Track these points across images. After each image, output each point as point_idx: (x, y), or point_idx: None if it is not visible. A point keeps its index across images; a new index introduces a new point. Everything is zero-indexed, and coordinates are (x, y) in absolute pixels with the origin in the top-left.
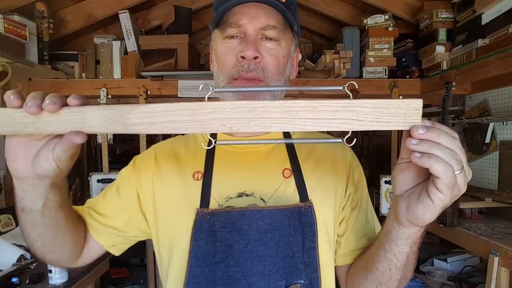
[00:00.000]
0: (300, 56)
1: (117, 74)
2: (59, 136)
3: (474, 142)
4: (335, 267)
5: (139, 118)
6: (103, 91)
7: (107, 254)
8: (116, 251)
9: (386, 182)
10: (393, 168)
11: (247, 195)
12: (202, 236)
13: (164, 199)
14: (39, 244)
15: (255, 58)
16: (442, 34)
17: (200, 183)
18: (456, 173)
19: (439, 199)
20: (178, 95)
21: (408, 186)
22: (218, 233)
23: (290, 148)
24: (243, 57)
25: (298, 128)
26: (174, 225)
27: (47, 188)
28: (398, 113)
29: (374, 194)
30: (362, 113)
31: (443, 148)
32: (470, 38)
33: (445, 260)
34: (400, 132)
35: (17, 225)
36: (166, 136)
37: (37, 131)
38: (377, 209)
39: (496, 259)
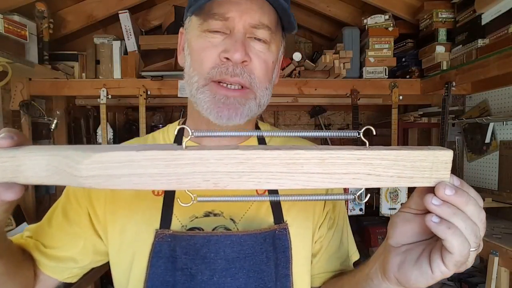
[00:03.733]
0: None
1: (117, 74)
2: None
3: (474, 142)
4: None
5: (94, 170)
6: (103, 91)
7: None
8: (73, 280)
9: None
10: None
11: (215, 215)
12: (160, 262)
13: (118, 219)
14: None
15: (243, 61)
16: (442, 34)
17: (160, 199)
18: (471, 250)
19: (441, 272)
20: (178, 95)
21: (408, 240)
22: (179, 260)
23: None
24: (227, 58)
25: (302, 185)
26: (130, 248)
27: None
28: (424, 166)
29: (374, 194)
30: (380, 167)
31: (467, 220)
32: (470, 38)
33: None
34: (399, 131)
35: (17, 224)
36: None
37: None
38: (377, 209)
39: (496, 259)
